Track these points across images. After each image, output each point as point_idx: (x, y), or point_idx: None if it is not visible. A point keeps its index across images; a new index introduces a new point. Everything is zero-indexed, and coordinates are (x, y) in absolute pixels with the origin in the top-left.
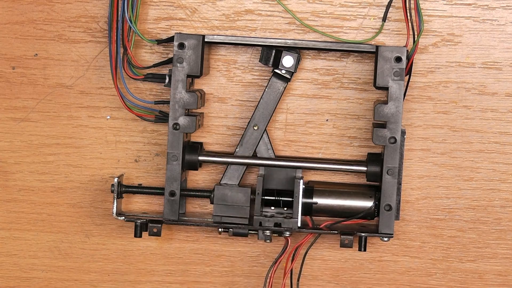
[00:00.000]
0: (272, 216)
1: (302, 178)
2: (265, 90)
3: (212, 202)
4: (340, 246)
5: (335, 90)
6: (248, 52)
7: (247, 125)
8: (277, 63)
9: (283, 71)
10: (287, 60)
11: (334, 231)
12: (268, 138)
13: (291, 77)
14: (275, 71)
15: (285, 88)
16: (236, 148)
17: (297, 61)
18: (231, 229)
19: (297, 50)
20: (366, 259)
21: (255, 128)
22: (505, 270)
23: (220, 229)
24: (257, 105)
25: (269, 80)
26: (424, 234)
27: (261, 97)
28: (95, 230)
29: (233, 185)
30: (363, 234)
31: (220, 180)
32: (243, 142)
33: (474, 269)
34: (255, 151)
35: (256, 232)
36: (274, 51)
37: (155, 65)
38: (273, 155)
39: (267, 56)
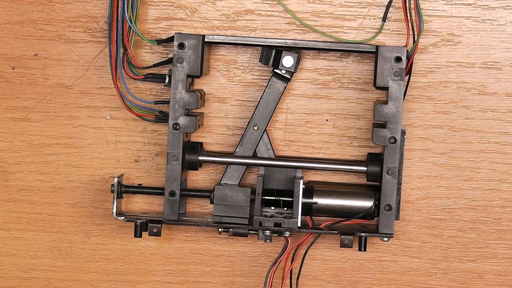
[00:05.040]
0: (272, 216)
1: (302, 178)
2: (265, 90)
3: (212, 202)
4: (340, 246)
5: (335, 90)
6: (248, 52)
7: (247, 125)
8: (277, 63)
9: (283, 71)
10: (287, 60)
11: (334, 231)
12: (268, 138)
13: (291, 77)
14: (275, 71)
15: (285, 88)
16: (236, 148)
17: (297, 61)
18: (231, 229)
19: (297, 50)
20: (366, 259)
21: (255, 128)
22: (505, 270)
23: (220, 229)
24: (257, 105)
25: (269, 80)
26: (424, 234)
27: (261, 97)
28: (95, 230)
29: (233, 185)
30: (363, 234)
31: (220, 180)
32: (243, 142)
33: (474, 269)
34: (255, 151)
35: (256, 232)
36: (274, 51)
37: (155, 65)
38: (273, 155)
39: (267, 56)
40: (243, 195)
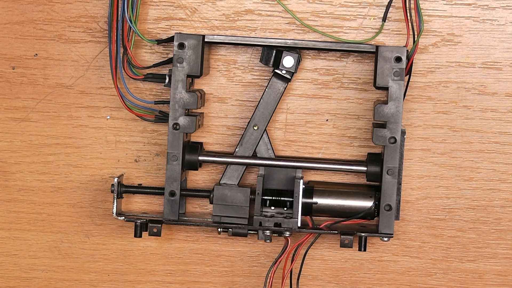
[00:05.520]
0: (272, 216)
1: (302, 178)
2: (265, 90)
3: (211, 202)
4: (340, 246)
5: (335, 90)
6: (248, 52)
7: (247, 125)
8: (277, 63)
9: (284, 71)
10: (288, 61)
11: (334, 231)
12: (268, 138)
13: (291, 77)
14: (275, 71)
15: (285, 88)
16: (236, 148)
17: (298, 62)
18: (231, 229)
19: (297, 50)
20: (366, 259)
21: (255, 128)
22: (505, 270)
23: (219, 229)
24: (257, 105)
25: (269, 80)
26: (424, 234)
27: (261, 97)
28: (95, 230)
29: (233, 185)
30: (363, 234)
31: (220, 180)
32: (243, 142)
33: (474, 269)
34: (255, 151)
35: (255, 232)
36: (274, 51)
37: (155, 65)
38: (273, 155)
39: (268, 56)
40: (242, 195)
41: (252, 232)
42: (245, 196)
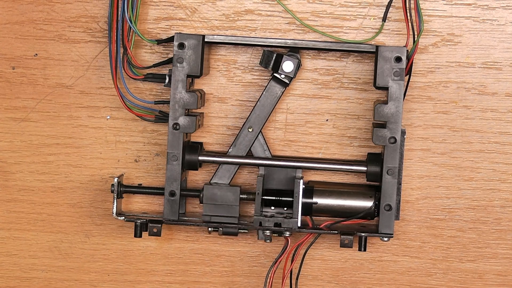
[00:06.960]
0: (272, 216)
1: (302, 178)
2: (263, 93)
3: (201, 202)
4: (340, 246)
5: (335, 90)
6: (248, 52)
7: (242, 127)
8: (277, 67)
9: (282, 76)
10: (287, 65)
11: (334, 231)
12: (264, 139)
13: (289, 82)
14: (274, 75)
15: (283, 92)
16: (229, 148)
17: (297, 67)
18: (221, 229)
19: (297, 56)
20: (366, 259)
21: (250, 130)
22: (505, 270)
23: (209, 228)
24: (253, 108)
25: (268, 83)
26: (424, 234)
27: (258, 100)
28: (95, 230)
29: (223, 184)
30: (363, 234)
31: (211, 180)
32: (237, 143)
33: (474, 269)
34: (250, 151)
35: (246, 230)
36: (274, 55)
37: (155, 65)
38: (269, 157)
39: (268, 59)
40: (232, 194)
41: (242, 231)
42: (235, 195)
